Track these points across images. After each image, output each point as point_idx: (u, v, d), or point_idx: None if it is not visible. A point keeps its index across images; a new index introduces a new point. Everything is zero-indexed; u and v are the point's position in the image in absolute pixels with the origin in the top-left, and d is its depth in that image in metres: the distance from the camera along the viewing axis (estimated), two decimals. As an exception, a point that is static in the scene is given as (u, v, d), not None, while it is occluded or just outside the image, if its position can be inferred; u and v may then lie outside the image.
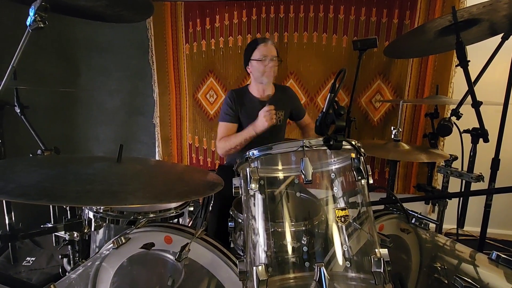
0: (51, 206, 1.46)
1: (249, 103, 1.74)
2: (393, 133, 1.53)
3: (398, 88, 2.37)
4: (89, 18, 1.37)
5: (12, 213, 1.79)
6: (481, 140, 1.39)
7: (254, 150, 0.78)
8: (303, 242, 0.80)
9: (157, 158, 2.72)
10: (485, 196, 1.44)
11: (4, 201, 1.76)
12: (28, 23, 1.00)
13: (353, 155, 0.75)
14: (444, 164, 1.65)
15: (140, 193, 0.75)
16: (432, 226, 1.49)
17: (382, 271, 0.66)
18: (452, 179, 1.63)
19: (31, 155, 1.62)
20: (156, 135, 2.70)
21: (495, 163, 1.42)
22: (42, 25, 1.00)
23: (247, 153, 0.80)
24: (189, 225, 1.41)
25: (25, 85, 1.78)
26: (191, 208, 1.37)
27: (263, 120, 1.53)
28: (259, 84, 1.74)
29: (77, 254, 1.09)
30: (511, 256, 0.86)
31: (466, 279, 0.84)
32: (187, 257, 0.83)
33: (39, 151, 1.65)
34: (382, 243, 0.87)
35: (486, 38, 1.48)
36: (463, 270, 0.94)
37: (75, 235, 1.06)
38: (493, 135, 1.38)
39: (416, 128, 2.40)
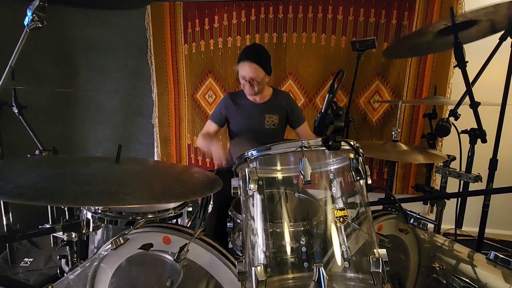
0: (49, 206, 1.45)
1: (245, 105, 1.75)
2: (393, 134, 1.54)
3: (396, 88, 2.38)
4: (87, 6, 1.34)
5: (10, 213, 1.78)
6: (479, 140, 1.40)
7: (253, 150, 0.78)
8: (302, 242, 0.80)
9: (155, 158, 2.72)
10: (483, 196, 1.44)
11: (1, 201, 1.75)
12: (26, 23, 1.00)
13: (351, 155, 0.74)
14: (442, 165, 1.66)
15: (139, 194, 0.75)
16: (431, 226, 1.49)
17: (380, 271, 0.66)
18: (450, 180, 1.64)
19: (29, 156, 1.61)
20: (154, 136, 2.69)
21: (493, 164, 1.42)
22: (40, 25, 1.00)
23: (246, 154, 0.80)
24: (188, 225, 1.41)
25: (23, 85, 1.77)
26: (190, 209, 1.37)
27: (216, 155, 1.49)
28: None
29: (75, 255, 1.08)
30: (509, 256, 0.86)
31: (464, 279, 0.84)
32: (185, 257, 0.83)
33: (37, 152, 1.64)
34: (381, 243, 0.88)
35: (486, 36, 1.47)
36: (461, 270, 0.94)
37: (73, 235, 1.06)
38: (491, 136, 1.39)
39: (415, 128, 2.41)
